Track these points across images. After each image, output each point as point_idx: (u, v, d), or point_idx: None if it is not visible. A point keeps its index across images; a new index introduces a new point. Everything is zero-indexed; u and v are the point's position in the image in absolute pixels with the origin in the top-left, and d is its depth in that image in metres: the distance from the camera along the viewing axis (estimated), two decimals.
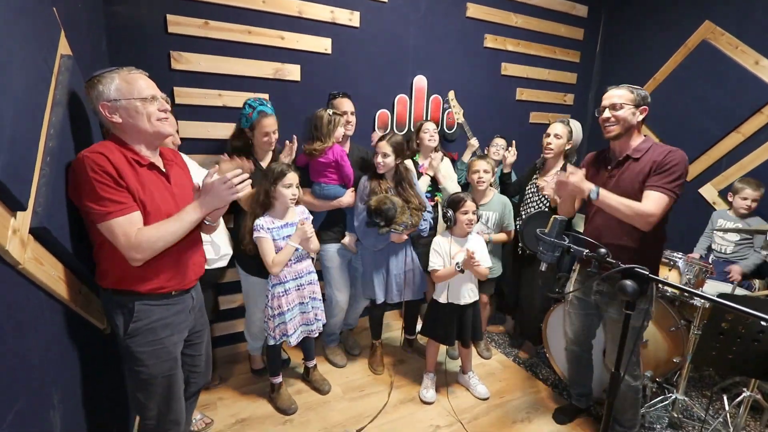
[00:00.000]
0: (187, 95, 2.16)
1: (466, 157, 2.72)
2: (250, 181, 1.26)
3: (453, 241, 2.06)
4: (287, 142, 2.12)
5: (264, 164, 2.08)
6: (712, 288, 2.18)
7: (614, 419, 1.86)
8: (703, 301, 1.88)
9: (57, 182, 1.12)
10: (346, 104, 2.29)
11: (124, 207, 1.13)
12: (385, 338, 2.65)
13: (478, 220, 2.03)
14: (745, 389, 1.89)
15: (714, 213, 2.64)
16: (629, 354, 1.10)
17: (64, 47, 1.28)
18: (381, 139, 2.12)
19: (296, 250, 1.89)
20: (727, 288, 2.12)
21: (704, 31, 2.83)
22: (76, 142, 1.28)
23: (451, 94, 2.76)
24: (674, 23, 3.00)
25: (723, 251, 2.51)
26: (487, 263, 2.06)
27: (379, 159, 2.11)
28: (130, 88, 1.17)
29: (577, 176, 1.57)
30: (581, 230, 2.63)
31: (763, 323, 1.26)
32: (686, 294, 1.99)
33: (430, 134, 2.45)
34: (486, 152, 2.77)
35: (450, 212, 2.02)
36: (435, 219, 2.41)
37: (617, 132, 1.62)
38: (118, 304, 1.25)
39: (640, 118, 1.62)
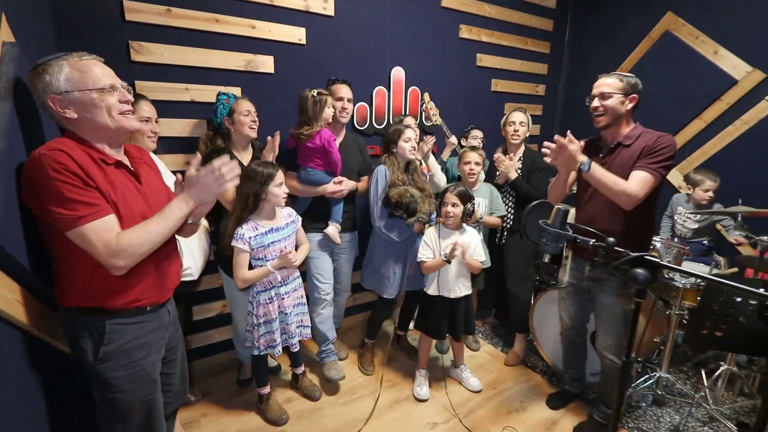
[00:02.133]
0: (151, 89, 1.97)
1: (446, 155, 2.71)
2: (239, 170, 1.15)
3: (442, 235, 2.03)
4: (269, 137, 1.98)
5: (244, 160, 1.93)
6: (689, 269, 2.27)
7: (600, 400, 1.90)
8: (684, 282, 1.95)
9: (8, 190, 0.97)
10: (343, 90, 2.19)
11: (97, 209, 0.99)
12: None
13: (465, 214, 1.99)
14: (722, 363, 2.00)
15: (675, 196, 2.72)
16: (631, 340, 1.09)
17: (6, 34, 1.10)
18: (407, 126, 2.14)
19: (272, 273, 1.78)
20: (705, 269, 2.22)
21: (667, 22, 2.94)
22: (28, 142, 1.12)
23: (426, 97, 2.72)
24: (639, 14, 3.11)
25: (684, 236, 2.61)
26: (480, 257, 2.04)
27: (414, 144, 2.11)
28: (83, 78, 1.02)
29: (575, 146, 1.53)
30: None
31: (752, 301, 1.32)
32: (668, 276, 2.06)
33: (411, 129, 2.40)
34: (465, 143, 2.76)
35: (470, 206, 1.98)
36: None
37: (606, 122, 1.63)
38: (85, 326, 1.09)
39: (630, 106, 1.62)
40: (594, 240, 1.12)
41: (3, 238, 0.89)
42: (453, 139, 2.66)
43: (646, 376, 2.17)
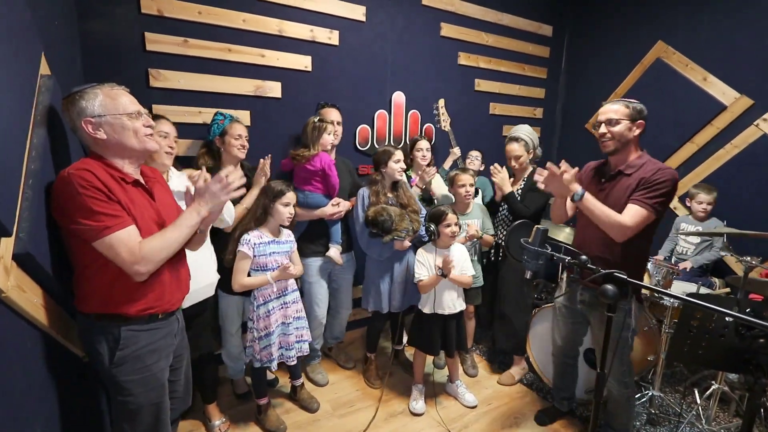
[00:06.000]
0: (166, 112, 2.10)
1: (447, 164, 2.80)
2: (244, 179, 1.27)
3: (437, 253, 2.11)
4: (261, 159, 2.05)
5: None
6: (679, 288, 2.32)
7: (607, 423, 1.92)
8: (672, 300, 2.00)
9: (38, 205, 1.08)
10: (333, 114, 2.33)
11: (121, 220, 1.10)
12: None
13: (460, 230, 2.09)
14: (713, 382, 2.02)
15: (677, 218, 2.82)
16: (612, 356, 1.15)
17: (44, 67, 1.25)
18: (396, 148, 2.22)
19: (270, 285, 1.88)
20: (692, 288, 2.27)
21: (658, 50, 3.07)
22: (56, 162, 1.25)
23: (441, 102, 2.82)
24: (631, 42, 3.23)
25: (685, 253, 2.68)
26: (470, 271, 2.12)
27: (401, 165, 2.20)
28: (115, 104, 1.16)
29: (568, 175, 1.55)
30: (561, 239, 2.75)
31: (727, 319, 1.37)
32: (657, 295, 2.11)
33: (423, 153, 2.50)
34: (466, 164, 2.87)
35: (432, 226, 2.07)
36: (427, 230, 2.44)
37: (614, 147, 1.63)
38: (102, 331, 1.19)
39: (637, 132, 1.61)
40: (570, 257, 1.20)
41: (34, 248, 1.00)
42: (457, 150, 2.76)
43: (640, 394, 2.19)
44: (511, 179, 2.41)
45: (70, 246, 1.16)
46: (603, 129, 1.63)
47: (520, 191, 2.36)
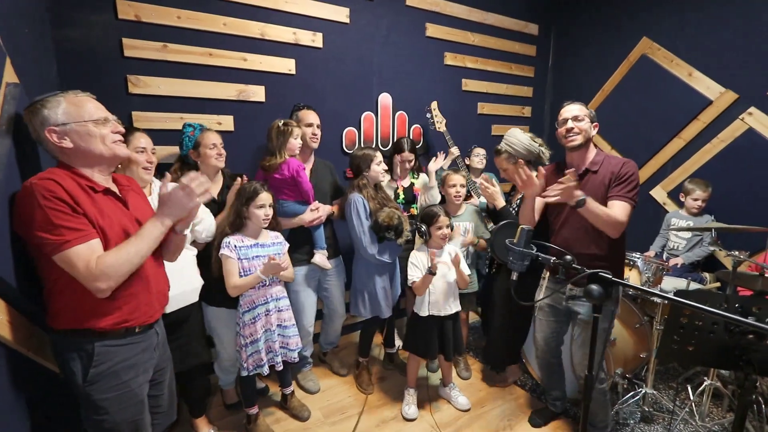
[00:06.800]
0: (147, 119, 2.09)
1: (446, 164, 2.75)
2: (210, 185, 1.22)
3: (429, 254, 2.08)
4: (238, 178, 1.98)
5: (214, 189, 1.96)
6: (669, 284, 2.31)
7: (590, 422, 1.90)
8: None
9: (2, 218, 1.04)
10: (310, 116, 2.23)
11: (82, 234, 1.05)
12: None
13: (452, 231, 2.07)
14: (706, 378, 2.01)
15: (667, 214, 2.83)
16: (600, 356, 1.14)
17: (9, 75, 1.21)
18: (375, 150, 2.20)
19: (263, 284, 1.85)
20: (683, 284, 2.26)
21: (643, 47, 3.07)
22: (24, 173, 1.20)
23: (434, 105, 2.79)
24: (616, 39, 3.24)
25: (676, 248, 2.68)
26: (466, 270, 2.09)
27: (384, 167, 2.21)
28: (79, 111, 1.12)
29: (574, 182, 1.61)
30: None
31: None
32: (648, 293, 2.10)
33: (405, 165, 2.45)
34: (468, 162, 2.84)
35: (424, 227, 2.05)
36: (413, 231, 2.41)
37: (580, 141, 1.74)
38: (75, 348, 1.14)
39: (594, 132, 1.78)
40: (555, 257, 1.18)
41: None
42: (455, 150, 2.73)
43: (633, 392, 2.17)
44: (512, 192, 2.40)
45: (38, 260, 1.11)
46: (571, 124, 1.75)
47: (519, 201, 2.24)
